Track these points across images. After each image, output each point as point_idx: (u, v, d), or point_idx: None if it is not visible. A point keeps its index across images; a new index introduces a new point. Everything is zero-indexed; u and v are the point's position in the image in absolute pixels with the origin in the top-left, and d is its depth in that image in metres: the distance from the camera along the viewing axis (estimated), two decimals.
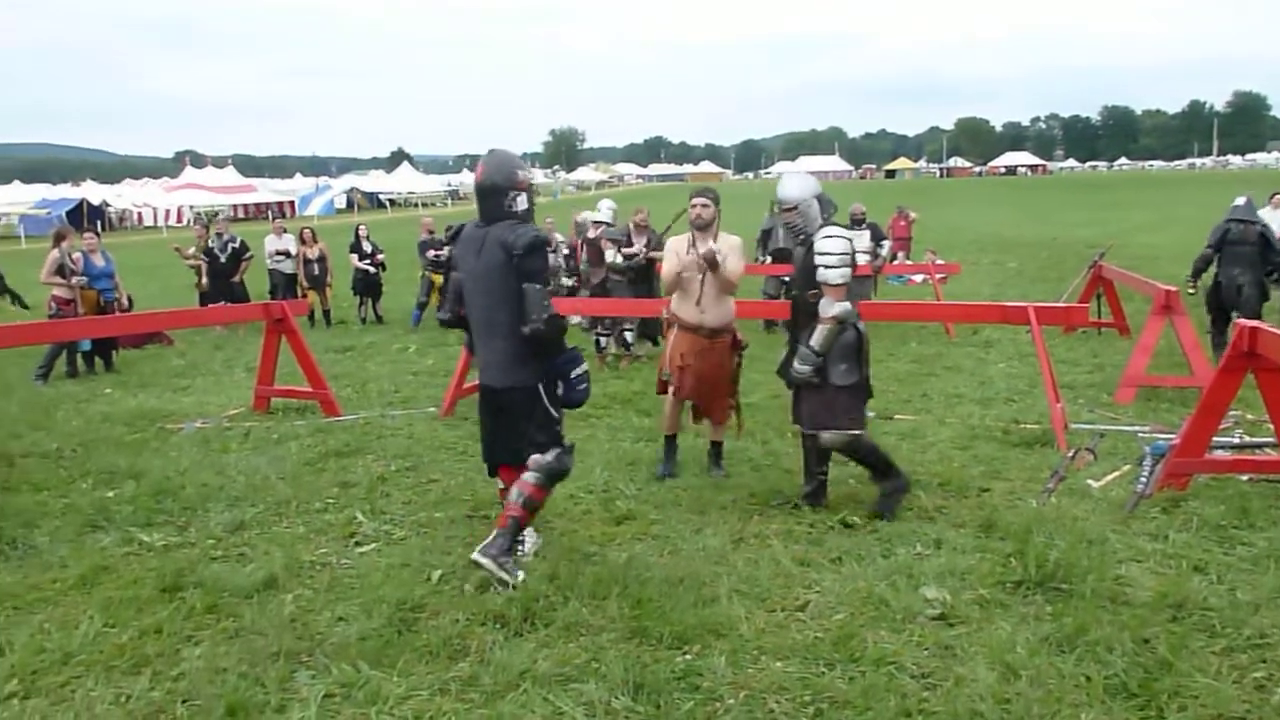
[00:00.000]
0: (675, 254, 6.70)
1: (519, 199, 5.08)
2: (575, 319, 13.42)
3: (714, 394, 6.81)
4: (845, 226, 5.97)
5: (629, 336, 11.94)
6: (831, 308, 5.74)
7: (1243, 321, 6.09)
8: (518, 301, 4.92)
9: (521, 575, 4.91)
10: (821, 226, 5.91)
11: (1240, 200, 11.25)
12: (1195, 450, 6.25)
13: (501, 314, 5.01)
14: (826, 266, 5.74)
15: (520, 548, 5.19)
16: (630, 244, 11.72)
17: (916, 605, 4.63)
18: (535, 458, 5.08)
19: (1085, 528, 5.54)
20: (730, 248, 6.61)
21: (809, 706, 3.81)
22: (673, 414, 6.91)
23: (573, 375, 5.16)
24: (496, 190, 5.06)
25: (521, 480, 5.06)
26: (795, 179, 6.22)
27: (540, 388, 5.09)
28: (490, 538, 4.99)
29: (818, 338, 5.80)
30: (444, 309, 5.48)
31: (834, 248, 5.74)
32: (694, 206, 6.65)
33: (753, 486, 6.50)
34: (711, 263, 6.43)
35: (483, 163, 5.15)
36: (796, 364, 5.91)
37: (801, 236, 6.05)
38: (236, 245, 15.45)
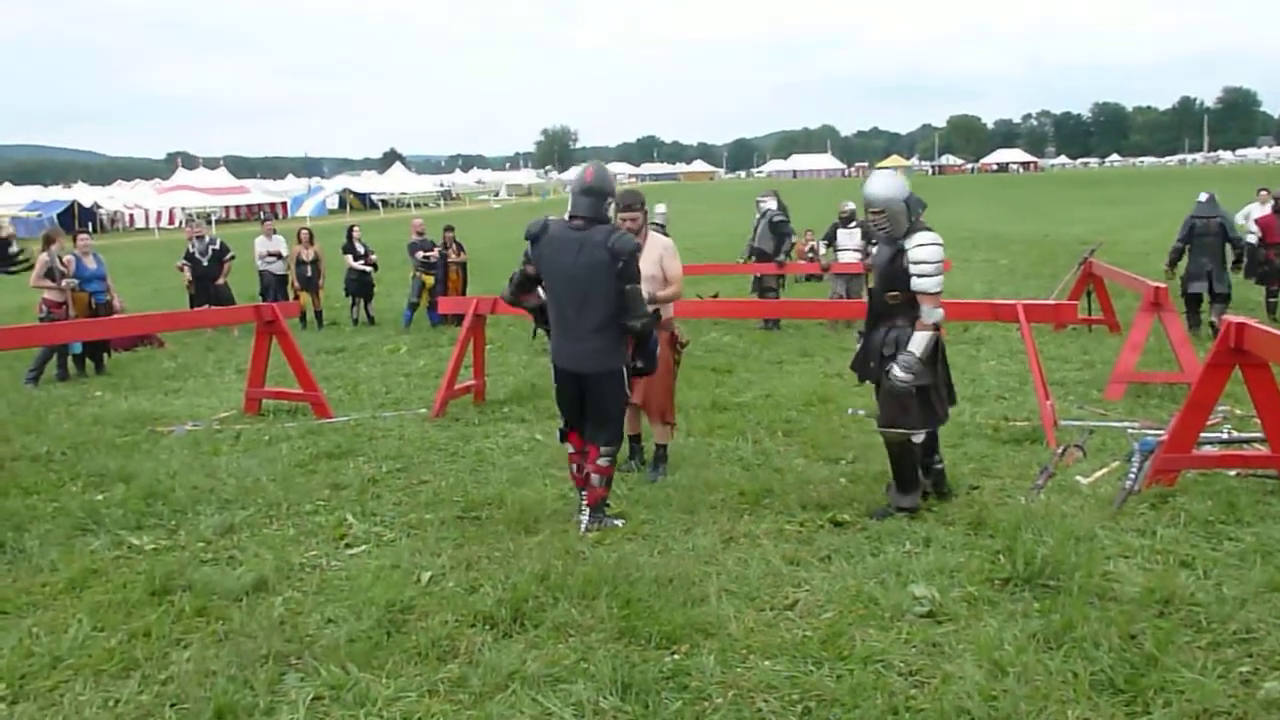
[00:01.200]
0: None
1: (611, 205, 5.77)
2: None
3: (655, 390, 6.83)
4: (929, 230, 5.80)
5: None
6: (933, 314, 5.73)
7: (1230, 318, 6.11)
8: (616, 299, 5.57)
9: (621, 521, 5.86)
10: (911, 231, 5.80)
11: (1203, 197, 12.88)
12: (1183, 446, 6.27)
13: (596, 308, 5.60)
14: (923, 275, 5.68)
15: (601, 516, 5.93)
16: None
17: (905, 603, 4.64)
18: (602, 444, 5.84)
19: (1074, 524, 5.55)
20: (665, 250, 6.76)
21: (797, 705, 3.82)
22: (631, 415, 6.96)
23: (656, 352, 6.08)
24: (601, 194, 5.69)
25: (596, 465, 5.85)
26: (881, 179, 6.08)
27: (623, 370, 5.82)
28: (587, 515, 5.84)
29: (918, 344, 5.73)
30: (506, 295, 6.06)
31: (930, 255, 5.69)
32: (624, 222, 6.51)
33: (743, 485, 6.51)
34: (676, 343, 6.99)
35: (592, 168, 5.82)
36: (899, 371, 5.73)
37: (886, 238, 5.99)
38: (217, 247, 15.41)
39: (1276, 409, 6.08)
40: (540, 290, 5.92)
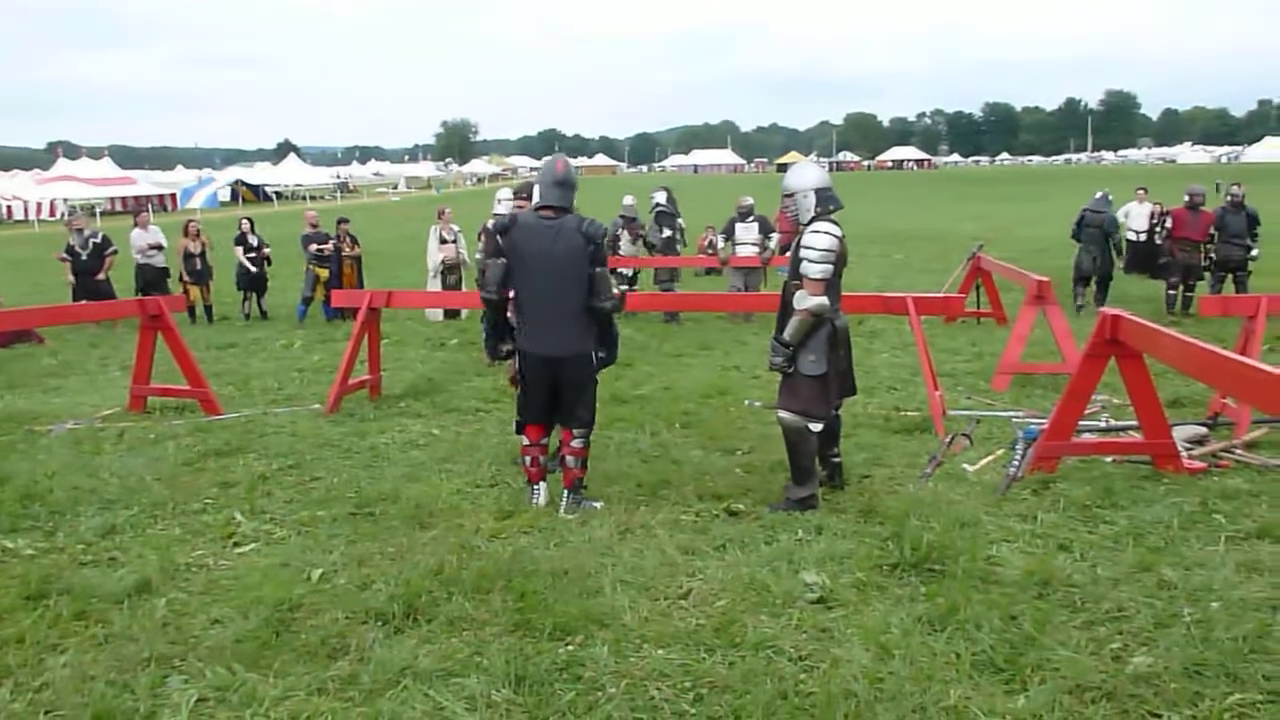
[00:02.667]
0: None
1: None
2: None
3: None
4: (833, 223, 5.87)
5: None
6: (806, 301, 5.77)
7: (1106, 310, 6.35)
8: (588, 283, 5.80)
9: (600, 503, 6.03)
10: (813, 220, 5.89)
11: (1098, 194, 15.01)
12: (1063, 434, 6.51)
13: (573, 293, 5.83)
14: (809, 260, 5.75)
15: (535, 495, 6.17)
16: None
17: (797, 590, 4.72)
18: (576, 427, 6.04)
19: (960, 510, 5.72)
20: None
21: (689, 692, 3.86)
22: None
23: (616, 344, 6.30)
24: (571, 185, 5.93)
25: (571, 447, 6.05)
26: (798, 168, 6.23)
27: (593, 354, 6.01)
28: (566, 499, 6.02)
29: (789, 328, 5.85)
30: (490, 289, 6.09)
31: (818, 243, 5.75)
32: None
33: (640, 477, 6.55)
34: None
35: (561, 160, 6.04)
36: (769, 353, 5.98)
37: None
38: (99, 241, 14.87)
39: (1149, 398, 6.35)
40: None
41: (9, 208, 56.11)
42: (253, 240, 15.67)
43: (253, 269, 15.50)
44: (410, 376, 10.41)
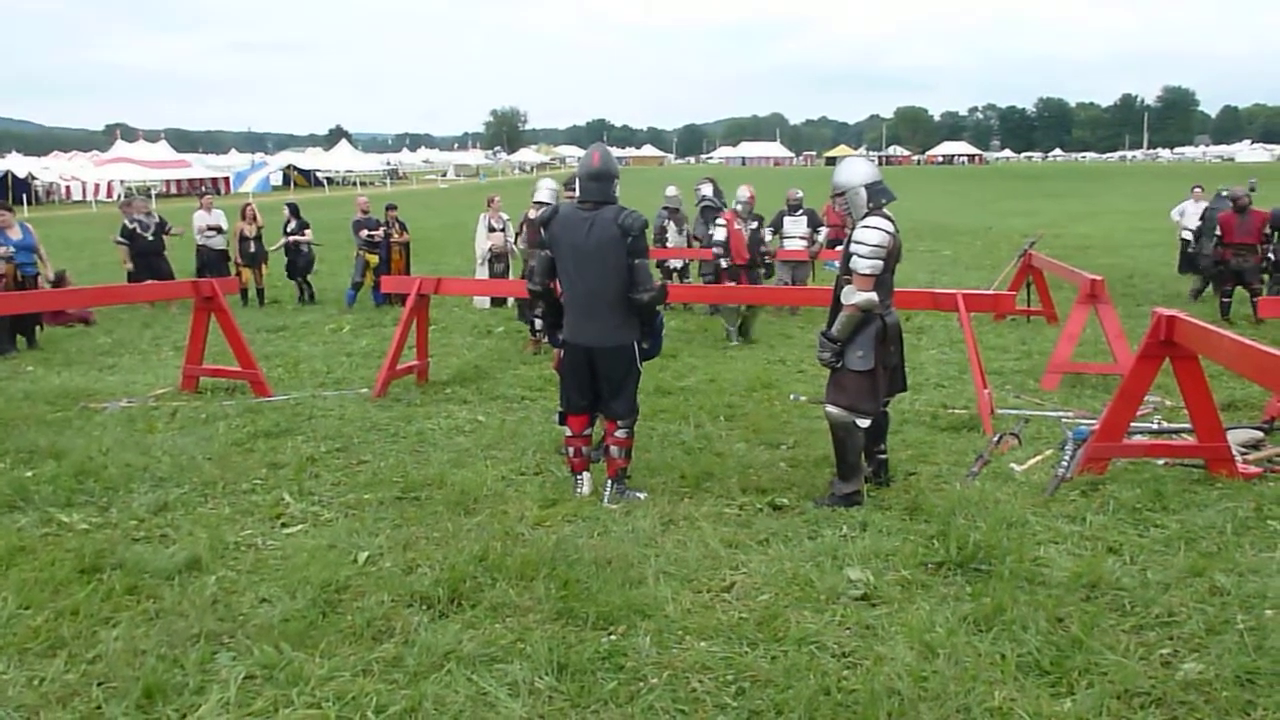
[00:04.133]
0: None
1: (618, 186, 5.95)
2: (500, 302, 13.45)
3: None
4: (887, 218, 5.79)
5: (538, 323, 11.93)
6: (854, 296, 5.73)
7: (1160, 310, 6.25)
8: (627, 274, 5.77)
9: (644, 494, 6.04)
10: (866, 215, 5.83)
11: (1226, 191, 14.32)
12: (1114, 435, 6.41)
13: (612, 284, 5.82)
14: (859, 256, 5.71)
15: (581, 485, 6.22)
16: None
17: (840, 586, 4.70)
18: (619, 417, 6.05)
19: (1006, 510, 5.66)
20: None
21: (731, 685, 3.86)
22: None
23: (660, 334, 6.24)
24: (609, 177, 5.89)
25: (614, 437, 6.08)
26: (847, 165, 6.12)
27: (635, 346, 6.00)
28: (609, 489, 6.04)
29: (837, 324, 5.82)
30: (534, 280, 6.20)
31: (869, 238, 5.70)
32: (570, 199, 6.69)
33: (684, 469, 6.54)
34: None
35: (598, 152, 6.01)
36: (818, 348, 5.96)
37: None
38: (158, 221, 15.10)
39: (1203, 400, 6.24)
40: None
41: (68, 188, 57.17)
42: (292, 224, 15.83)
43: (299, 249, 15.69)
44: (457, 363, 10.48)
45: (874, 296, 5.73)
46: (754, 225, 12.42)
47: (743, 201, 12.42)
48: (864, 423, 5.91)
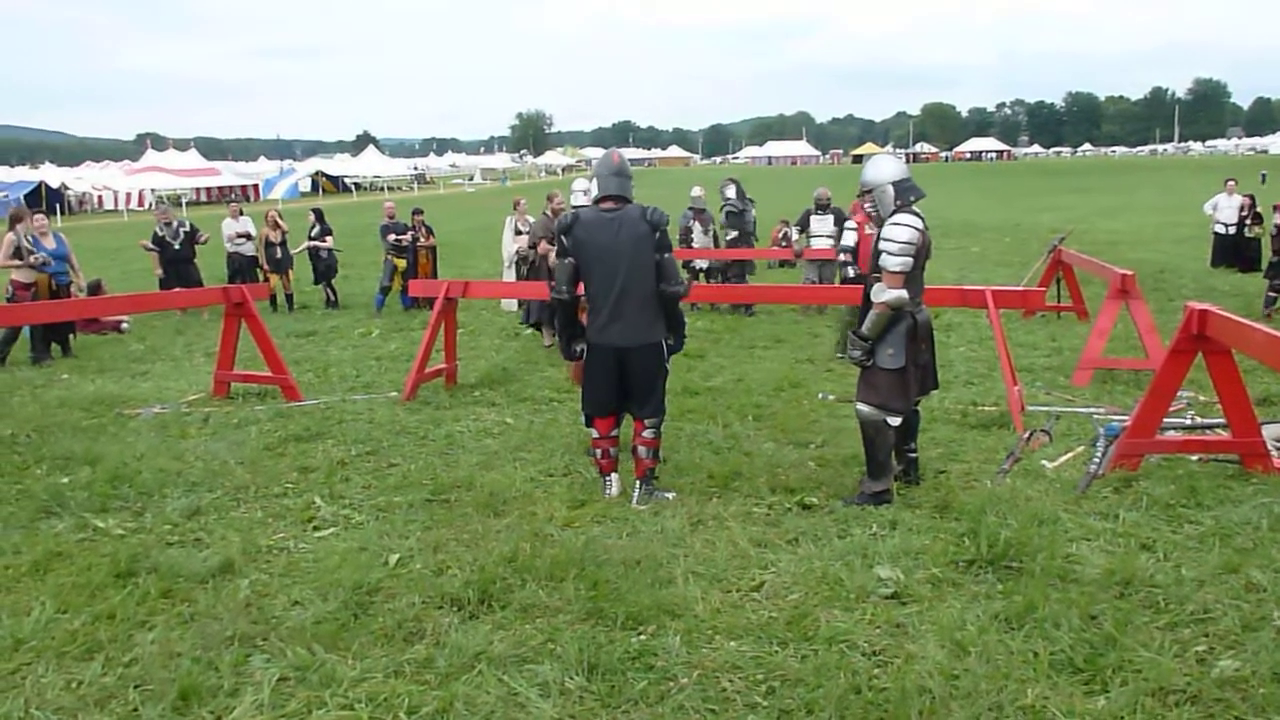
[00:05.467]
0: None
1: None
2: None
3: None
4: (917, 215, 5.79)
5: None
6: (884, 294, 5.71)
7: (1192, 304, 6.18)
8: (655, 270, 5.83)
9: (672, 494, 6.05)
10: (895, 212, 5.82)
11: None
12: (1146, 431, 6.35)
13: (642, 281, 5.86)
14: (887, 253, 5.70)
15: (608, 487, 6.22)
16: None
17: (870, 585, 4.68)
18: (647, 417, 6.08)
19: (1038, 507, 5.61)
20: None
21: (761, 685, 3.85)
22: None
23: (683, 330, 6.24)
24: (628, 176, 6.02)
25: (642, 438, 6.11)
26: (875, 162, 6.13)
27: (663, 343, 6.04)
28: (638, 489, 6.05)
29: (867, 322, 5.82)
30: (561, 290, 6.08)
31: (899, 235, 5.69)
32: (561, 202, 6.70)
33: (712, 469, 6.54)
34: None
35: (617, 153, 6.32)
36: (848, 347, 5.97)
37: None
38: (188, 229, 15.24)
39: (1237, 395, 6.17)
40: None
41: (100, 197, 57.93)
42: (315, 229, 15.95)
43: (319, 254, 15.81)
44: (485, 366, 10.52)
45: (904, 294, 5.70)
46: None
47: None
48: (895, 421, 5.88)
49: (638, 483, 6.10)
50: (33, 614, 4.52)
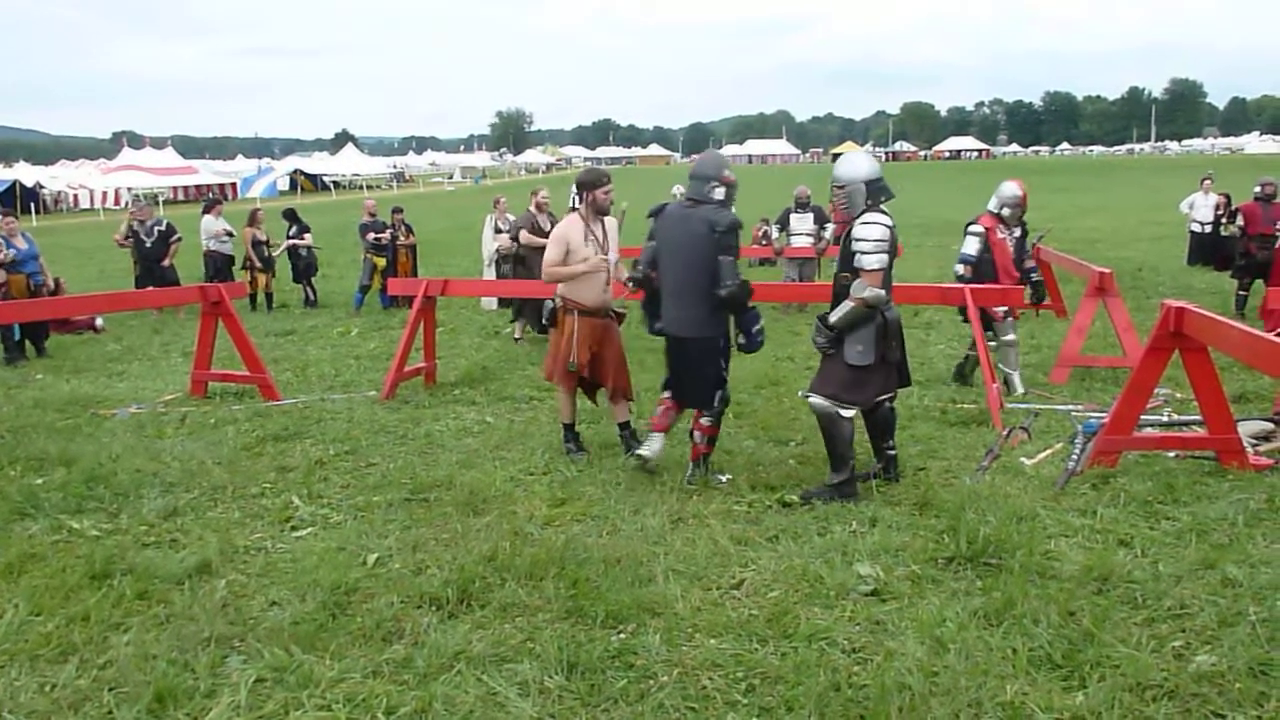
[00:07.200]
0: (565, 241, 6.65)
1: (717, 189, 6.19)
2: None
3: (620, 370, 6.92)
4: (883, 213, 5.82)
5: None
6: (863, 290, 5.74)
7: (1169, 302, 6.22)
8: (714, 270, 5.94)
9: (727, 476, 6.26)
10: (864, 211, 5.85)
11: None
12: (1124, 428, 6.38)
13: (697, 278, 6.05)
14: (863, 252, 5.73)
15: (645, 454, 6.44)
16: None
17: (850, 582, 4.69)
18: (701, 406, 6.30)
19: (1017, 504, 5.64)
20: (614, 229, 6.98)
21: (741, 682, 3.85)
22: (571, 402, 7.04)
23: (754, 329, 6.30)
24: (704, 179, 6.21)
25: (700, 424, 6.32)
26: (849, 159, 6.16)
27: (719, 340, 6.21)
28: (690, 470, 6.34)
29: (838, 313, 5.84)
30: (638, 269, 6.44)
31: (871, 234, 5.73)
32: (608, 193, 6.76)
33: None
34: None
35: (702, 156, 6.61)
36: (812, 332, 6.03)
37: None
38: (163, 228, 15.11)
39: (1213, 392, 6.21)
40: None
41: (75, 196, 57.35)
42: (292, 230, 15.85)
43: (298, 252, 15.73)
44: (464, 364, 10.48)
45: (883, 293, 5.74)
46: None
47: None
48: (848, 413, 5.91)
49: (691, 463, 6.36)
50: (6, 616, 4.48)
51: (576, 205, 6.90)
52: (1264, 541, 5.05)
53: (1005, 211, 8.86)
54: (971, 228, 9.06)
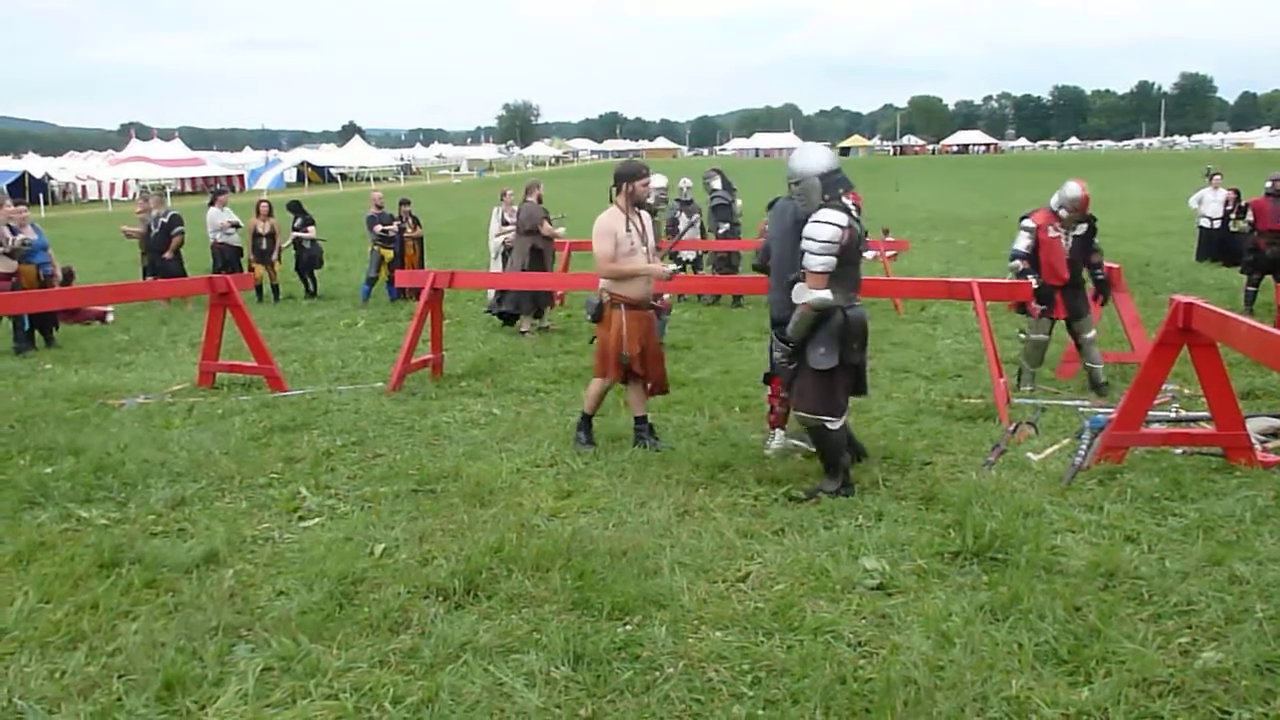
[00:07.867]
0: (612, 234, 6.65)
1: (799, 184, 5.95)
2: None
3: (660, 363, 7.03)
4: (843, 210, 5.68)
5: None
6: (805, 295, 5.64)
7: (1178, 298, 6.20)
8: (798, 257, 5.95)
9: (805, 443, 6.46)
10: (820, 208, 5.69)
11: None
12: (1132, 424, 6.38)
13: (784, 264, 6.18)
14: (810, 252, 5.60)
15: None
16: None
17: (856, 575, 4.69)
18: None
19: (1023, 499, 5.64)
20: (649, 221, 7.00)
21: (747, 675, 3.85)
22: (603, 396, 7.05)
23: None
24: (796, 173, 6.00)
25: (780, 396, 6.50)
26: (803, 152, 6.07)
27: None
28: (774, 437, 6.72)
29: (790, 324, 5.77)
30: (757, 259, 6.96)
31: (819, 234, 5.56)
32: (647, 184, 6.86)
33: (698, 460, 6.53)
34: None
35: (809, 148, 6.44)
36: (769, 344, 5.95)
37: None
38: (166, 220, 15.13)
39: (1221, 388, 6.20)
40: None
41: (84, 188, 57.50)
42: (297, 221, 15.87)
43: (302, 244, 15.75)
44: (471, 356, 10.50)
45: (827, 295, 5.60)
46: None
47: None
48: (834, 424, 5.83)
49: (779, 430, 6.73)
50: (15, 604, 4.50)
51: (614, 197, 6.84)
52: (1271, 539, 5.05)
53: (1063, 212, 8.68)
54: (1024, 222, 8.88)
